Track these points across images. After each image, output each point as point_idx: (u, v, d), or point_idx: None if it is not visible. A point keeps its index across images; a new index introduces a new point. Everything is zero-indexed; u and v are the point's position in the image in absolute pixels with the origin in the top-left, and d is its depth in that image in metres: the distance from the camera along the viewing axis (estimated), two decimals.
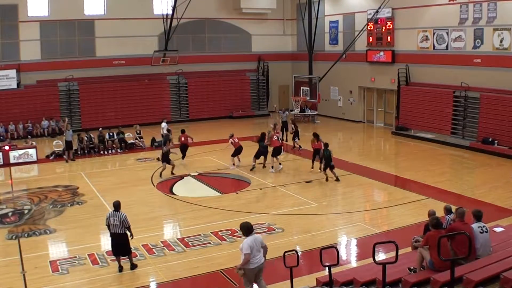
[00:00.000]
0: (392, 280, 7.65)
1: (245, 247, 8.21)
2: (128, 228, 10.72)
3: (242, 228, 8.51)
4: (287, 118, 24.79)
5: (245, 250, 8.18)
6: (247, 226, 8.50)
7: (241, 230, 8.57)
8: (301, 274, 10.22)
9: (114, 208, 10.71)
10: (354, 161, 21.04)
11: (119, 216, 10.59)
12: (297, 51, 35.71)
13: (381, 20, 27.76)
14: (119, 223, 10.58)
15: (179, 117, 31.90)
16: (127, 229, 10.71)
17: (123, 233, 10.69)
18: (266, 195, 16.79)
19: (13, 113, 27.50)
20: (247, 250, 8.18)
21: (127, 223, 10.65)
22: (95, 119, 28.89)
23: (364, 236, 12.65)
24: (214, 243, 12.31)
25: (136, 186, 17.81)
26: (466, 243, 7.11)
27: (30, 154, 21.88)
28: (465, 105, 23.42)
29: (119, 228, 10.63)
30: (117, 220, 10.59)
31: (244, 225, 8.51)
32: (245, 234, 8.43)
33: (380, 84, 29.07)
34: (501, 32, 21.70)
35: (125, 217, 10.64)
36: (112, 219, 10.64)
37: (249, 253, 8.17)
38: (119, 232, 10.66)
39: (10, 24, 27.84)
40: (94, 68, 29.85)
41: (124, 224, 10.60)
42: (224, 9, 33.54)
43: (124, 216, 10.61)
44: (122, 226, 10.61)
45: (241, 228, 8.56)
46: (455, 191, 16.36)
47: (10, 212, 15.12)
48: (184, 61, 31.81)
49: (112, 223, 10.64)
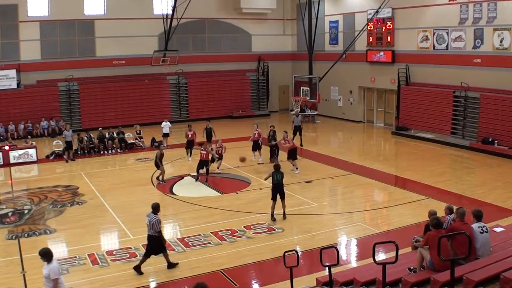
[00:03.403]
0: (392, 280, 7.64)
1: (56, 271, 7.70)
2: (158, 233, 10.74)
3: (46, 255, 7.84)
4: (300, 122, 24.23)
5: (56, 275, 7.68)
6: (49, 251, 7.92)
7: (44, 257, 7.83)
8: (301, 274, 10.21)
9: (152, 210, 10.80)
10: (354, 161, 21.04)
11: (151, 218, 10.69)
12: (297, 51, 35.71)
13: (378, 20, 27.76)
14: (149, 223, 10.70)
15: (179, 117, 31.90)
16: (157, 233, 10.73)
17: (154, 235, 10.73)
18: (266, 195, 16.75)
19: (13, 113, 27.51)
20: (58, 275, 7.71)
21: (157, 228, 10.66)
22: (95, 119, 28.89)
23: (364, 236, 12.65)
24: (214, 243, 12.31)
25: (136, 186, 17.80)
26: (466, 243, 7.10)
27: (30, 154, 21.87)
28: (465, 105, 23.42)
29: (149, 229, 10.75)
30: (148, 221, 10.73)
31: (46, 251, 7.89)
32: (49, 260, 7.78)
33: (380, 84, 29.07)
34: (501, 32, 21.70)
35: (156, 222, 10.65)
36: (147, 219, 10.78)
37: (58, 277, 7.73)
38: (149, 233, 10.80)
39: (10, 24, 27.85)
40: (94, 68, 29.85)
41: (153, 228, 10.65)
42: (224, 9, 33.54)
43: (155, 220, 10.65)
44: (151, 228, 10.67)
45: (44, 255, 7.85)
46: (455, 191, 16.36)
47: (10, 212, 15.12)
48: (184, 61, 31.81)
49: (146, 223, 10.81)
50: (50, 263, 7.72)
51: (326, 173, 19.10)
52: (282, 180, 13.92)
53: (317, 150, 23.14)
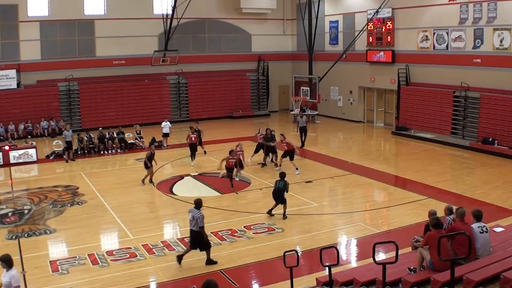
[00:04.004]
0: (392, 280, 7.64)
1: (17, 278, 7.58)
2: (201, 228, 10.87)
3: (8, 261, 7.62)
4: (305, 123, 24.14)
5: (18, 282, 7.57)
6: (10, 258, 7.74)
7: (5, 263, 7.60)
8: (301, 274, 10.22)
9: (195, 205, 10.99)
10: (354, 161, 21.04)
11: (195, 213, 10.85)
12: (297, 51, 35.71)
13: (378, 20, 27.77)
14: (193, 219, 10.86)
15: (179, 117, 31.90)
16: (200, 229, 10.89)
17: (197, 231, 10.89)
18: (266, 195, 16.75)
19: (13, 113, 27.50)
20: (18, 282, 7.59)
21: (201, 223, 10.84)
22: (95, 119, 28.89)
23: (364, 236, 12.65)
24: (214, 243, 12.28)
25: (136, 186, 17.79)
26: (466, 243, 7.11)
27: (30, 154, 21.88)
28: (465, 105, 23.42)
29: (192, 224, 10.92)
30: (191, 216, 10.90)
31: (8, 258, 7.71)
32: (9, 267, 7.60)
33: (380, 84, 29.07)
34: (501, 32, 21.70)
35: (200, 217, 10.83)
36: (190, 215, 10.97)
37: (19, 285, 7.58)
38: (192, 228, 10.97)
39: (10, 24, 27.84)
40: (94, 68, 29.86)
41: (197, 223, 10.82)
42: (224, 9, 33.55)
43: (199, 215, 10.83)
44: (196, 224, 10.84)
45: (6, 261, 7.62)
46: (455, 191, 16.36)
47: (10, 212, 15.12)
48: (184, 61, 31.81)
49: (189, 218, 11.00)
50: (10, 270, 7.61)
51: (326, 173, 19.10)
52: (284, 188, 13.87)
53: (317, 150, 23.15)
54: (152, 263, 11.30)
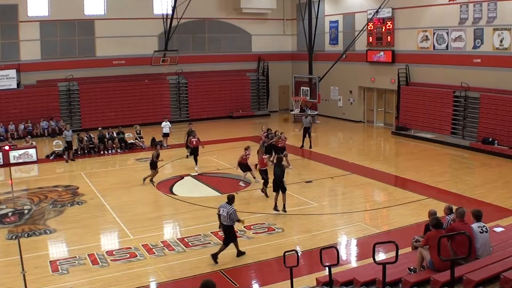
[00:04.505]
0: (392, 280, 7.64)
1: None
2: (234, 222, 11.24)
3: None
4: (309, 124, 24.10)
5: None
6: None
7: None
8: (301, 274, 10.21)
9: (227, 201, 11.21)
10: (354, 161, 21.04)
11: (228, 209, 11.09)
12: (297, 51, 35.71)
13: (378, 20, 27.77)
14: (226, 215, 11.07)
15: (179, 117, 31.88)
16: (236, 222, 11.25)
17: (229, 225, 11.18)
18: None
19: (13, 113, 27.50)
20: None
21: (235, 217, 11.16)
22: (95, 119, 28.88)
23: (364, 236, 12.65)
24: (214, 243, 12.30)
25: (136, 186, 17.80)
26: (466, 243, 7.11)
27: (30, 154, 21.87)
28: (465, 105, 23.41)
29: (225, 219, 11.14)
30: (225, 212, 11.11)
31: None
32: None
33: (380, 84, 29.07)
34: (501, 32, 21.69)
35: (233, 212, 11.12)
36: (222, 210, 11.20)
37: None
38: (225, 223, 11.20)
39: (10, 24, 27.84)
40: (94, 68, 29.85)
41: (231, 218, 11.08)
42: (224, 9, 33.54)
43: (232, 211, 11.10)
44: (229, 219, 11.07)
45: None
46: (455, 191, 16.36)
47: (10, 212, 15.11)
48: (184, 61, 31.81)
49: (221, 213, 11.20)
50: None
51: (326, 173, 19.10)
52: (282, 174, 14.30)
53: (317, 150, 23.14)
54: (152, 263, 11.30)
